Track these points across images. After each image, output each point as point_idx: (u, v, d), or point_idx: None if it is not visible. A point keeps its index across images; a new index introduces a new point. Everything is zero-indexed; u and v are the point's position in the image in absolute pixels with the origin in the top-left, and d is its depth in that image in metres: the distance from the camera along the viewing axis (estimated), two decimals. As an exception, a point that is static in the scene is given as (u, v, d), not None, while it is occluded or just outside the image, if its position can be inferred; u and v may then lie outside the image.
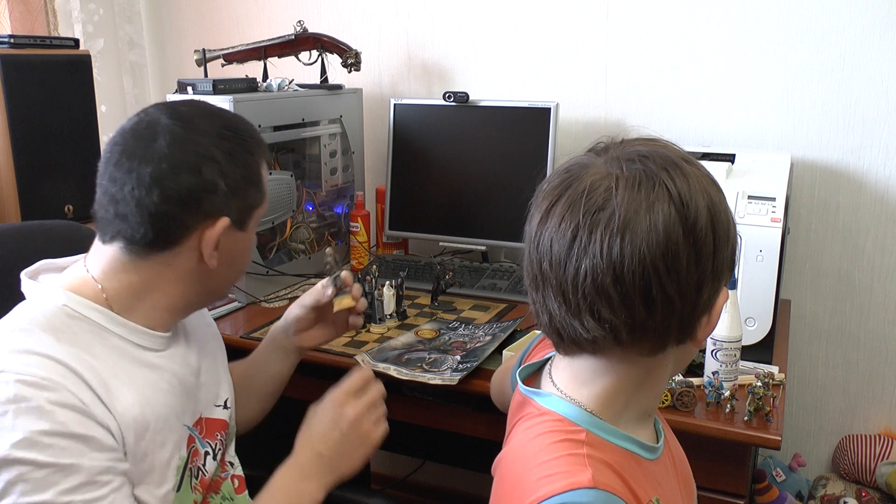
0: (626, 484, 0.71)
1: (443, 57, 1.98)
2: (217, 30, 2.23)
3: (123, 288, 0.90)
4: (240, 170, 0.91)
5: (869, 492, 1.64)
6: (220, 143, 0.90)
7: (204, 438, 1.00)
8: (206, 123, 0.91)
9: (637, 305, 0.67)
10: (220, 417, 1.05)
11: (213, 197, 0.89)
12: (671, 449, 0.84)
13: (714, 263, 0.69)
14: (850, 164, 1.65)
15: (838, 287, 1.71)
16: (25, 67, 1.55)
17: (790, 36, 1.65)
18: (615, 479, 0.70)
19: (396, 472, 2.27)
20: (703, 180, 0.70)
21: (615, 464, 0.71)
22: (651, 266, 0.66)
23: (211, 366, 1.06)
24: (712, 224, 0.68)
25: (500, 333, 1.39)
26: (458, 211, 1.83)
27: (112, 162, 0.88)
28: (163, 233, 0.88)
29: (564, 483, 0.67)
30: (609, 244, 0.66)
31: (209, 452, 1.00)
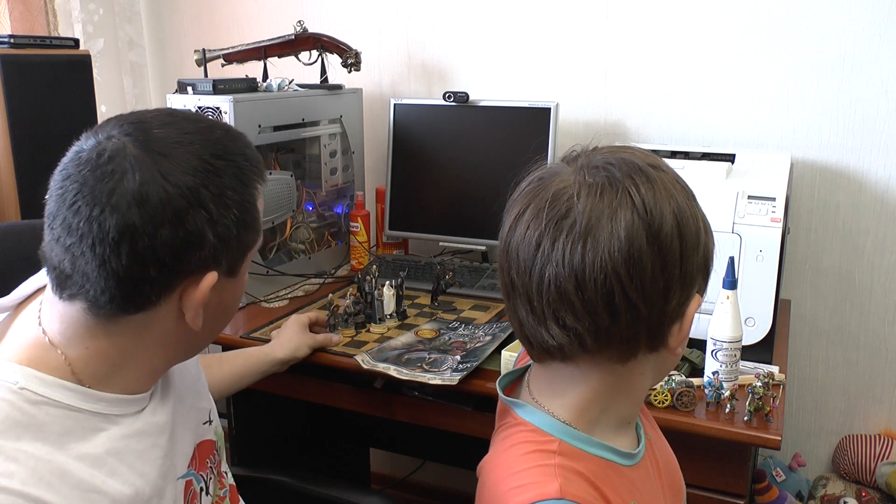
0: (600, 492, 0.71)
1: (443, 57, 1.98)
2: (217, 30, 2.23)
3: (93, 357, 0.72)
4: (233, 212, 0.72)
5: (869, 492, 1.64)
6: (208, 181, 0.70)
7: (199, 472, 0.88)
8: (188, 153, 0.70)
9: (600, 312, 0.67)
10: (208, 438, 0.92)
11: (198, 252, 0.70)
12: (655, 453, 0.84)
13: (682, 270, 0.69)
14: (850, 164, 1.65)
15: (838, 287, 1.71)
16: (25, 67, 1.55)
17: (790, 36, 1.65)
18: (586, 489, 0.70)
19: (396, 472, 2.27)
20: (670, 186, 0.70)
21: (588, 473, 0.72)
22: (613, 273, 0.66)
23: (192, 383, 0.92)
24: (679, 230, 0.68)
25: (500, 333, 1.39)
26: (458, 211, 1.83)
27: (66, 203, 0.68)
28: (134, 297, 0.70)
29: (533, 494, 0.68)
30: (571, 251, 0.67)
31: (203, 488, 0.88)
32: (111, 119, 0.74)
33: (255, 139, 1.62)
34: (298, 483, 1.23)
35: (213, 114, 1.56)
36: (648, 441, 0.82)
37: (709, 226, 0.73)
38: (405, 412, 1.42)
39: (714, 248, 0.73)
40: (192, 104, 1.58)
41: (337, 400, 1.48)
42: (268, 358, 1.30)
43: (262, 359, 1.30)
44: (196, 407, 0.90)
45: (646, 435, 0.82)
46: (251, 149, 0.78)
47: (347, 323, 1.47)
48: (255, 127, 1.62)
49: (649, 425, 0.87)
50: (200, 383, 0.96)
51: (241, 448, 1.65)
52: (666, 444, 0.89)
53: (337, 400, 1.48)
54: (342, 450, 2.08)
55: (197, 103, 1.58)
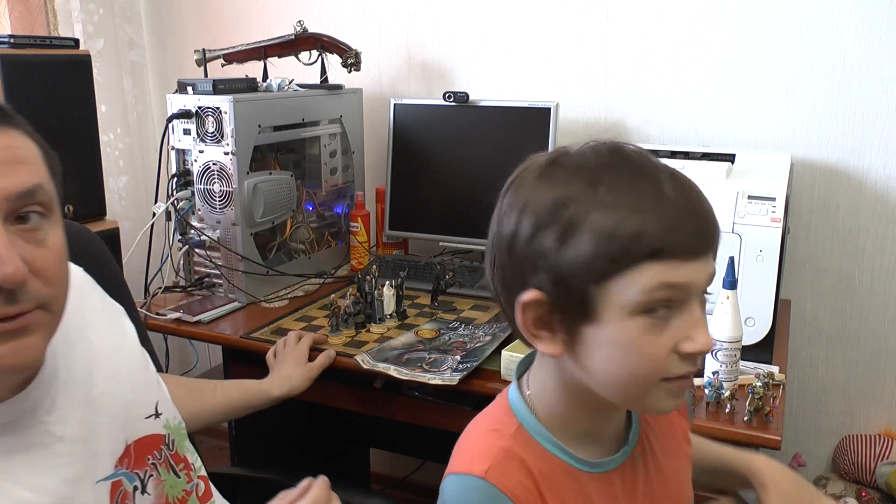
0: (538, 488, 0.70)
1: (443, 57, 1.98)
2: (217, 30, 2.23)
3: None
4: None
5: (869, 492, 1.64)
6: None
7: (132, 471, 0.84)
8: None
9: (496, 290, 0.73)
10: (154, 432, 0.89)
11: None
12: (641, 469, 0.78)
13: (525, 263, 0.68)
14: (850, 164, 1.65)
15: (838, 287, 1.71)
16: (25, 67, 1.55)
17: (790, 36, 1.65)
18: (521, 480, 0.70)
19: (396, 472, 2.27)
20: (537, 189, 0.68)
21: (533, 465, 0.71)
22: (497, 251, 0.71)
23: (126, 376, 0.89)
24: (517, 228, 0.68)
25: (500, 333, 1.39)
26: (458, 211, 1.83)
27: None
28: None
29: (464, 466, 0.71)
30: (492, 225, 0.72)
31: (139, 486, 0.85)
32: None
33: (256, 139, 1.62)
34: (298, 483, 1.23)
35: (213, 113, 1.57)
36: (643, 462, 0.79)
37: (539, 227, 0.66)
38: (405, 412, 1.42)
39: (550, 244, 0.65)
40: (192, 104, 1.58)
41: (337, 400, 1.48)
42: (263, 395, 1.28)
43: (257, 394, 1.28)
44: (131, 402, 0.87)
45: (638, 455, 0.78)
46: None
47: (347, 323, 1.47)
48: (255, 127, 1.62)
49: (657, 449, 0.81)
50: (143, 375, 0.93)
51: (241, 448, 1.65)
52: (678, 474, 0.83)
53: (337, 400, 1.48)
54: (342, 450, 2.08)
55: (197, 103, 1.58)
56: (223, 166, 1.58)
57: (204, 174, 1.61)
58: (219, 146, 1.58)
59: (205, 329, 1.51)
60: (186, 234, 1.65)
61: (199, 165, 1.61)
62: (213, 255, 1.64)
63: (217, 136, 1.57)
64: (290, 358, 1.35)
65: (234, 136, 1.56)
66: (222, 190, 1.59)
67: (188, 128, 1.60)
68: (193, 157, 1.61)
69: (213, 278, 1.66)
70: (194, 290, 1.67)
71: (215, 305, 1.58)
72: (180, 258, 1.69)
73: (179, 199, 1.64)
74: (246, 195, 1.59)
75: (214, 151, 1.58)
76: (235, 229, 1.60)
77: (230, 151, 1.57)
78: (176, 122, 1.61)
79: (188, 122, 1.59)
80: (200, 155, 1.60)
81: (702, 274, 0.65)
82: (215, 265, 1.64)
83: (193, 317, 1.53)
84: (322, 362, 1.35)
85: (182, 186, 1.64)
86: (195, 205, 1.64)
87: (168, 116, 1.61)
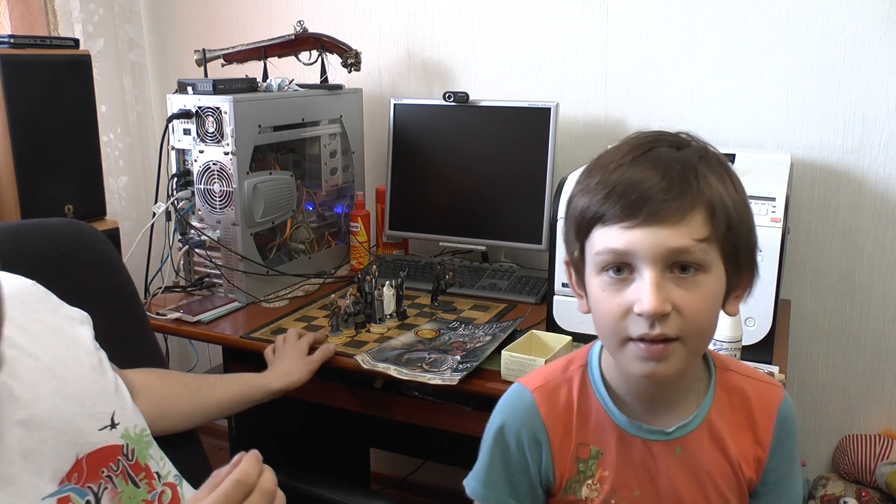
0: (570, 420, 0.83)
1: (443, 57, 1.98)
2: (217, 30, 2.23)
3: None
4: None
5: (869, 492, 1.64)
6: None
7: (84, 485, 0.83)
8: None
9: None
10: (109, 443, 0.88)
11: None
12: (676, 461, 0.81)
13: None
14: (850, 164, 1.65)
15: (838, 287, 1.71)
16: (25, 67, 1.55)
17: (790, 36, 1.65)
18: (560, 409, 0.83)
19: (396, 472, 2.27)
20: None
21: (577, 401, 0.83)
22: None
23: (76, 390, 0.87)
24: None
25: (500, 333, 1.39)
26: (458, 211, 1.83)
27: None
28: None
29: (529, 378, 0.87)
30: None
31: (90, 501, 0.84)
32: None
33: (256, 139, 1.62)
34: (298, 483, 1.23)
35: (213, 114, 1.57)
36: (681, 457, 0.81)
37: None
38: (405, 412, 1.42)
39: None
40: (192, 104, 1.58)
41: (337, 400, 1.48)
42: (263, 389, 1.28)
43: (257, 388, 1.28)
44: (80, 415, 0.86)
45: (677, 448, 0.81)
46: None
47: (347, 323, 1.47)
48: (256, 127, 1.62)
49: (711, 455, 0.82)
50: (97, 385, 0.91)
51: (241, 448, 1.64)
52: (716, 484, 0.83)
53: (337, 400, 1.48)
54: (342, 450, 2.08)
55: (197, 103, 1.58)
56: (223, 166, 1.58)
57: (204, 174, 1.61)
58: (219, 146, 1.58)
59: (205, 329, 1.51)
60: (186, 234, 1.65)
61: (199, 165, 1.61)
62: (213, 255, 1.64)
63: (217, 136, 1.57)
64: (290, 353, 1.35)
65: (234, 136, 1.56)
66: (222, 190, 1.59)
67: (188, 128, 1.60)
68: (193, 157, 1.61)
69: (213, 278, 1.66)
70: (194, 290, 1.67)
71: (215, 305, 1.58)
72: (180, 258, 1.69)
73: (179, 199, 1.64)
74: (246, 195, 1.59)
75: (214, 151, 1.58)
76: (235, 229, 1.60)
77: (230, 151, 1.57)
78: (176, 122, 1.61)
79: (188, 122, 1.59)
80: (200, 155, 1.60)
81: (645, 242, 0.71)
82: (215, 265, 1.64)
83: (193, 317, 1.53)
84: (321, 356, 1.35)
85: (182, 186, 1.64)
86: (195, 205, 1.64)
87: (168, 116, 1.61)
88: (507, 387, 0.88)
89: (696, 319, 0.72)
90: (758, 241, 0.78)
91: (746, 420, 0.83)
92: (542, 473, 0.85)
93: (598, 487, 0.82)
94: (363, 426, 2.04)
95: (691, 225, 0.71)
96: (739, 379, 0.85)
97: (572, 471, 0.83)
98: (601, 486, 0.82)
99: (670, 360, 0.73)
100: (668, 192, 0.70)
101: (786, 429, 0.84)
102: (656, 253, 0.70)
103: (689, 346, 0.73)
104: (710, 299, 0.74)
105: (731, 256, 0.74)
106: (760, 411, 0.83)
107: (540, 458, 0.84)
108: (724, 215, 0.72)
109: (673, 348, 0.72)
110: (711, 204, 0.72)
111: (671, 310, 0.71)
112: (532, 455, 0.84)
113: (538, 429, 0.83)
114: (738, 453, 0.82)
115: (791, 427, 0.85)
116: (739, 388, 0.84)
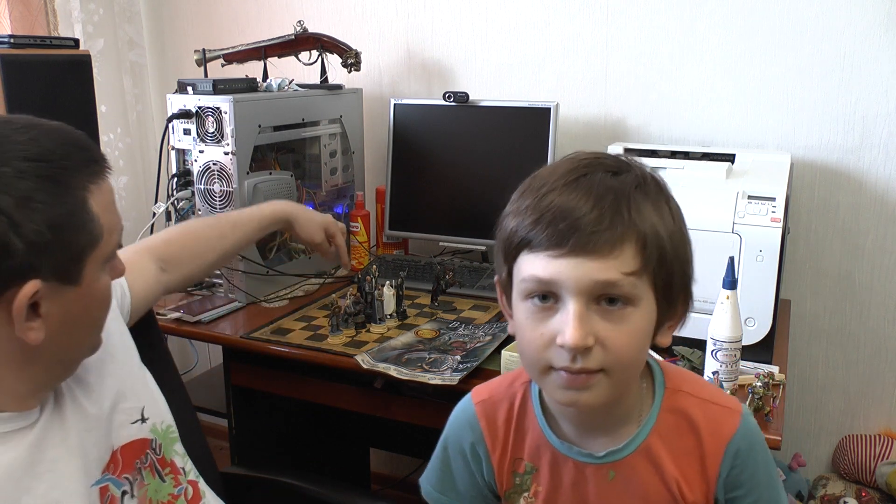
0: (508, 433, 0.84)
1: (443, 57, 1.98)
2: (217, 30, 2.23)
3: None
4: (44, 215, 0.69)
5: (869, 492, 1.64)
6: (11, 186, 0.67)
7: (120, 476, 0.86)
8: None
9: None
10: (139, 437, 0.90)
11: (6, 261, 0.67)
12: (607, 484, 0.80)
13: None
14: (850, 164, 1.65)
15: (838, 287, 1.71)
16: (25, 67, 1.55)
17: (790, 36, 1.65)
18: (502, 421, 0.85)
19: (396, 472, 2.27)
20: None
21: (518, 416, 0.84)
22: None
23: (110, 385, 0.89)
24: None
25: (500, 333, 1.39)
26: (458, 211, 1.83)
27: None
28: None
29: (477, 390, 0.90)
30: None
31: (126, 491, 0.86)
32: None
33: (256, 139, 1.62)
34: (298, 483, 1.23)
35: (213, 113, 1.57)
36: (614, 480, 0.80)
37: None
38: (405, 412, 1.42)
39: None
40: (192, 104, 1.58)
41: (337, 400, 1.48)
42: (276, 215, 1.37)
43: (267, 217, 1.36)
44: (114, 409, 0.88)
45: (611, 471, 0.79)
46: (80, 147, 0.75)
47: (347, 323, 1.47)
48: (255, 127, 1.62)
49: (650, 481, 0.79)
50: (132, 379, 0.93)
51: (241, 448, 1.65)
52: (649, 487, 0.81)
53: (337, 400, 1.48)
54: (342, 450, 2.08)
55: (197, 103, 1.58)
56: (223, 166, 1.58)
57: (204, 174, 1.61)
58: (219, 146, 1.58)
59: (205, 329, 1.51)
60: (186, 234, 1.65)
61: (199, 165, 1.61)
62: (213, 255, 1.64)
63: (217, 136, 1.57)
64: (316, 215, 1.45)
65: (234, 136, 1.56)
66: (222, 190, 1.59)
67: (188, 128, 1.60)
68: (193, 157, 1.61)
69: (213, 278, 1.66)
70: (194, 290, 1.67)
71: (215, 305, 1.58)
72: (180, 258, 1.69)
73: (179, 199, 1.64)
74: (246, 195, 1.59)
75: (214, 151, 1.58)
76: (235, 229, 1.60)
77: (230, 151, 1.57)
78: (176, 122, 1.61)
79: (188, 122, 1.59)
80: (200, 155, 1.60)
81: (571, 273, 0.68)
82: (215, 265, 1.64)
83: (193, 317, 1.53)
84: (340, 245, 1.47)
85: (182, 186, 1.64)
86: (195, 205, 1.64)
87: (168, 116, 1.61)
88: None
89: (620, 353, 0.70)
90: (693, 273, 0.75)
91: (694, 445, 0.79)
92: (486, 482, 0.88)
93: (533, 501, 0.84)
94: (363, 426, 2.04)
95: (620, 258, 0.68)
96: (691, 402, 0.80)
97: (510, 483, 0.85)
98: (535, 500, 0.84)
99: (593, 390, 0.71)
100: (598, 223, 0.68)
101: (741, 458, 0.78)
102: (582, 285, 0.68)
103: (613, 378, 0.71)
104: (638, 333, 0.71)
105: (663, 289, 0.72)
106: (709, 438, 0.78)
107: (481, 468, 0.87)
108: (655, 248, 0.69)
109: (596, 379, 0.70)
110: (643, 236, 0.69)
111: (594, 343, 0.68)
112: (474, 464, 0.88)
113: (478, 440, 0.86)
114: (681, 477, 0.79)
115: (750, 456, 0.79)
116: (687, 412, 0.79)
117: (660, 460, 0.79)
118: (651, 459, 0.79)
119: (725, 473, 0.78)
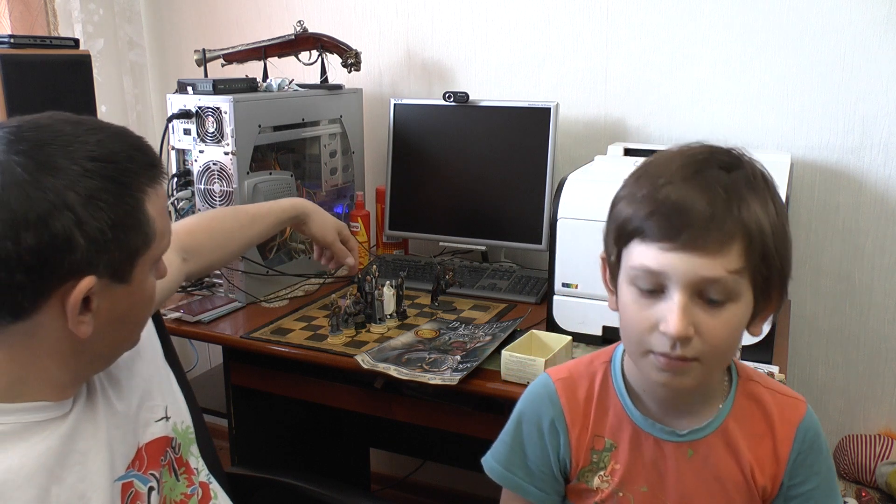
0: (589, 411, 0.86)
1: (443, 57, 1.98)
2: (217, 30, 2.23)
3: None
4: (107, 214, 0.71)
5: (869, 492, 1.64)
6: (75, 184, 0.70)
7: (146, 472, 0.87)
8: (64, 156, 0.70)
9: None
10: (162, 435, 0.91)
11: (68, 256, 0.70)
12: (687, 463, 0.84)
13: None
14: (850, 164, 1.65)
15: (838, 287, 1.71)
16: (25, 67, 1.55)
17: (790, 36, 1.65)
18: (580, 399, 0.87)
19: (396, 472, 2.27)
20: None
21: (598, 395, 0.86)
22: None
23: (136, 384, 0.91)
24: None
25: (500, 333, 1.39)
26: (458, 211, 1.83)
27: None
28: (6, 304, 0.70)
29: (555, 370, 0.91)
30: None
31: (153, 487, 0.88)
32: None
33: (256, 139, 1.62)
34: (298, 483, 1.23)
35: (213, 114, 1.57)
36: (692, 459, 0.83)
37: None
38: (405, 412, 1.42)
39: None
40: (192, 104, 1.58)
41: (337, 400, 1.48)
42: (295, 209, 1.40)
43: (286, 211, 1.39)
44: (141, 407, 0.89)
45: (689, 450, 0.83)
46: (142, 151, 0.78)
47: (347, 323, 1.47)
48: (256, 127, 1.62)
49: (726, 460, 0.83)
50: (158, 378, 0.95)
51: (241, 448, 1.65)
52: (726, 492, 0.85)
53: (337, 400, 1.48)
54: (342, 450, 2.08)
55: (197, 103, 1.58)
56: (223, 166, 1.58)
57: (204, 174, 1.61)
58: (219, 146, 1.58)
59: (205, 329, 1.51)
60: (186, 234, 1.65)
61: (199, 165, 1.61)
62: (213, 255, 1.64)
63: (217, 136, 1.57)
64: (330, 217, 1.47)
65: (234, 136, 1.56)
66: (222, 190, 1.59)
67: (188, 128, 1.60)
68: (193, 157, 1.61)
69: (213, 278, 1.66)
70: (194, 290, 1.67)
71: (215, 305, 1.58)
72: (180, 258, 1.69)
73: (180, 199, 1.64)
74: (246, 195, 1.59)
75: (214, 151, 1.59)
76: (235, 229, 1.60)
77: (230, 151, 1.57)
78: (176, 122, 1.61)
79: (188, 122, 1.59)
80: (200, 155, 1.60)
81: (680, 267, 0.72)
82: (215, 265, 1.64)
83: (193, 317, 1.53)
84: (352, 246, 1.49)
85: (182, 186, 1.64)
86: (195, 205, 1.64)
87: (168, 116, 1.61)
88: (507, 387, 0.93)
89: (716, 344, 0.74)
90: (790, 269, 0.78)
91: (767, 429, 0.84)
92: (560, 460, 0.88)
93: (609, 479, 0.86)
94: (363, 426, 2.05)
95: (728, 256, 0.72)
96: (762, 391, 0.86)
97: (587, 460, 0.87)
98: (612, 478, 0.85)
99: (688, 374, 0.75)
100: (710, 221, 0.71)
101: (808, 444, 0.86)
102: (689, 279, 0.72)
103: (707, 366, 0.75)
104: (734, 325, 0.75)
105: (762, 285, 0.75)
106: (781, 424, 0.85)
107: (558, 445, 0.88)
108: (760, 246, 0.73)
109: (692, 366, 0.74)
110: (749, 234, 0.72)
111: (694, 334, 0.72)
112: (551, 442, 0.88)
113: (558, 417, 0.87)
114: (754, 461, 0.84)
115: (815, 443, 0.87)
116: (760, 399, 0.86)
117: (735, 442, 0.83)
118: (727, 441, 0.84)
119: (794, 458, 0.84)
